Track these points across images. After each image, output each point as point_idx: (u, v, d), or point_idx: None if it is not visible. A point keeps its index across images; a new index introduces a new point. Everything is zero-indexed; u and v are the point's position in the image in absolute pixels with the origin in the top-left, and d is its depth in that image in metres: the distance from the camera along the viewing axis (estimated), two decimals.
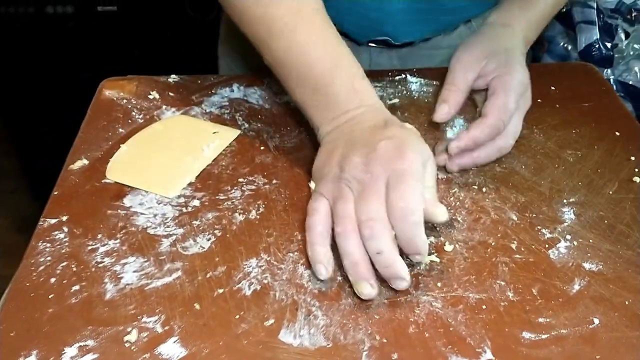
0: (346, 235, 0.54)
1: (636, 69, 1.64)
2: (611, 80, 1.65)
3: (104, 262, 0.57)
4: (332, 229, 0.56)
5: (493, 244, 0.58)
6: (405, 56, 0.87)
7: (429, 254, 0.57)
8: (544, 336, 0.50)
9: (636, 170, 0.67)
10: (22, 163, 1.80)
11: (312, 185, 0.61)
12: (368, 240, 0.53)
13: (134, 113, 0.75)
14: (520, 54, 0.72)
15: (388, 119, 0.60)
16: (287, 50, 0.63)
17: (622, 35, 1.64)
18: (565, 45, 1.74)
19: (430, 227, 0.60)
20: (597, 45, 1.65)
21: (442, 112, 0.68)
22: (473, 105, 0.75)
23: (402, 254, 0.53)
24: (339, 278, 0.55)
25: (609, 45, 1.66)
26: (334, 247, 0.55)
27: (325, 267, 0.54)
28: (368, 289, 0.52)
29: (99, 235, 0.59)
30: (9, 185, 1.86)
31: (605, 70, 1.65)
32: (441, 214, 0.55)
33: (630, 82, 1.66)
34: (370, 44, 0.86)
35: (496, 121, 0.64)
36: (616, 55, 1.66)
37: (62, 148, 0.71)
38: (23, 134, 1.71)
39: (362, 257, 0.53)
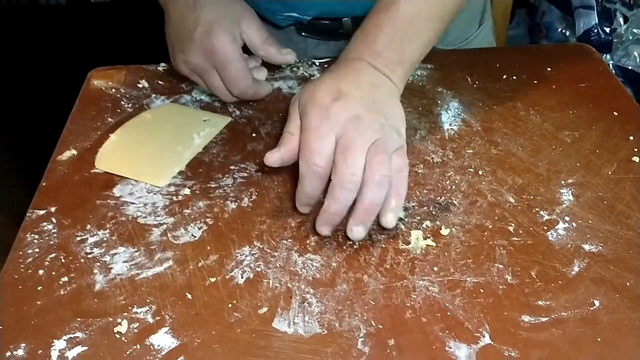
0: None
1: (635, 53, 1.63)
2: (610, 66, 1.64)
3: (93, 252, 0.55)
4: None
5: (490, 227, 0.57)
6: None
7: (425, 238, 0.56)
8: (543, 319, 0.49)
9: (635, 149, 0.65)
10: (19, 158, 1.79)
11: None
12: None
13: (123, 102, 0.74)
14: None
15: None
16: None
17: (621, 20, 1.63)
18: (564, 30, 1.73)
19: (426, 212, 0.59)
20: (595, 30, 1.64)
21: (273, 158, 0.57)
22: (468, 86, 0.74)
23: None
24: (333, 264, 0.54)
25: (607, 30, 1.65)
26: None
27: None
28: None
29: (88, 226, 0.58)
30: (8, 181, 1.85)
31: (604, 55, 1.64)
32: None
33: (630, 67, 1.65)
34: (303, 34, 0.85)
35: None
36: (615, 40, 1.64)
37: (52, 139, 0.70)
38: (14, 126, 1.69)
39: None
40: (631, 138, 0.67)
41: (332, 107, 0.54)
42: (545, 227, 0.57)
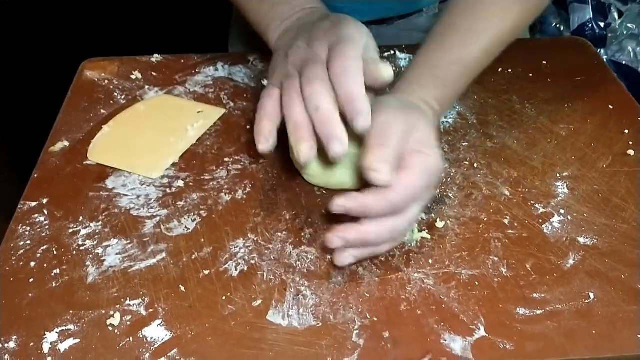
0: (291, 104, 0.53)
1: (630, 48, 1.63)
2: (605, 60, 1.64)
3: (85, 244, 0.55)
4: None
5: (485, 219, 0.57)
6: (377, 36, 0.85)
7: (420, 231, 0.55)
8: (538, 312, 0.49)
9: (630, 143, 0.65)
10: (10, 150, 1.77)
11: (265, 82, 0.60)
12: (308, 98, 0.51)
13: (115, 94, 0.73)
14: (436, 133, 0.56)
15: (330, 14, 0.60)
16: None
17: (616, 14, 1.62)
18: (558, 25, 1.72)
19: None
20: (590, 25, 1.64)
21: (383, 173, 0.50)
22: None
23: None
24: (329, 257, 0.53)
25: (602, 24, 1.64)
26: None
27: (266, 138, 0.53)
28: (306, 147, 0.50)
29: (81, 218, 0.57)
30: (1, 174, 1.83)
31: (599, 50, 1.64)
32: (385, 69, 0.53)
33: (624, 62, 1.64)
34: None
35: (400, 199, 0.50)
36: (609, 35, 1.64)
37: (44, 131, 0.69)
38: (5, 117, 1.68)
39: (304, 120, 0.52)
40: (626, 131, 0.67)
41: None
42: (541, 220, 0.57)
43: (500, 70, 0.76)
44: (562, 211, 0.58)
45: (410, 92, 0.58)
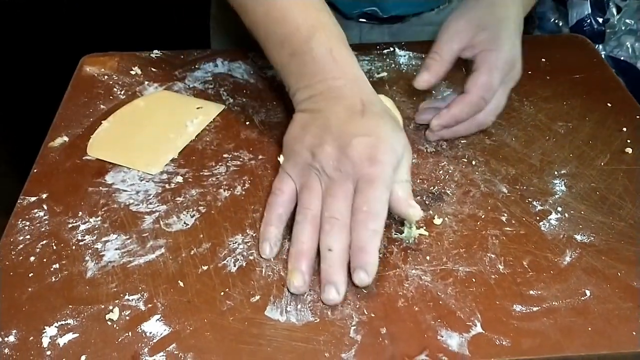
0: (305, 225, 0.53)
1: (628, 44, 1.63)
2: (603, 56, 1.64)
3: (85, 240, 0.55)
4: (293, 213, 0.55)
5: (483, 216, 0.57)
6: (396, 32, 0.86)
7: (418, 228, 0.56)
8: (535, 309, 0.49)
9: (628, 141, 0.66)
10: (9, 145, 1.78)
11: (281, 159, 0.59)
12: (325, 234, 0.51)
13: (115, 89, 0.73)
14: (513, 27, 0.66)
15: (366, 101, 0.56)
16: (266, 15, 0.61)
17: (614, 10, 1.62)
18: (556, 20, 1.72)
19: (419, 202, 0.59)
20: (588, 21, 1.64)
21: (422, 80, 0.64)
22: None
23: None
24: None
25: (600, 20, 1.64)
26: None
27: (271, 247, 0.53)
28: (300, 281, 0.50)
29: (80, 213, 0.58)
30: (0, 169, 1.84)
31: (597, 45, 1.64)
32: (414, 214, 0.53)
33: (622, 58, 1.64)
34: (360, 20, 0.84)
35: (477, 99, 0.62)
36: (608, 31, 1.64)
37: (44, 126, 0.70)
38: (4, 112, 1.67)
39: (310, 250, 0.52)
40: (624, 129, 0.67)
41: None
42: (538, 218, 0.57)
43: None
44: (559, 209, 0.58)
45: None
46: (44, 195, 0.59)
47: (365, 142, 0.53)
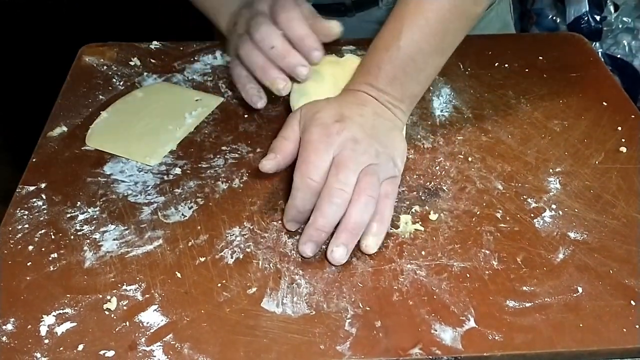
0: (249, 53, 0.63)
1: (625, 42, 1.64)
2: (600, 54, 1.65)
3: (83, 229, 0.56)
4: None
5: (478, 213, 0.58)
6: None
7: (413, 223, 0.56)
8: (528, 304, 0.50)
9: (623, 140, 0.66)
10: (7, 134, 1.77)
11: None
12: (260, 41, 0.62)
13: (114, 80, 0.73)
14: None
15: None
16: None
17: (612, 8, 1.63)
18: (554, 17, 1.72)
19: (415, 197, 0.59)
20: (586, 18, 1.64)
21: (269, 164, 0.56)
22: (460, 73, 0.75)
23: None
24: (323, 246, 0.54)
25: (598, 18, 1.65)
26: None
27: (259, 96, 0.65)
28: (282, 83, 0.61)
29: (78, 203, 0.58)
30: None
31: (594, 43, 1.64)
32: (335, 25, 0.64)
33: (619, 56, 1.65)
34: None
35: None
36: (605, 29, 1.65)
37: (42, 116, 0.70)
38: (3, 102, 1.67)
39: (266, 61, 0.62)
40: (619, 128, 0.68)
41: (332, 127, 0.55)
42: (532, 215, 0.58)
43: (496, 65, 0.77)
44: (553, 206, 0.59)
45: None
46: (43, 185, 0.60)
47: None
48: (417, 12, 0.60)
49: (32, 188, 0.59)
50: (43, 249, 0.54)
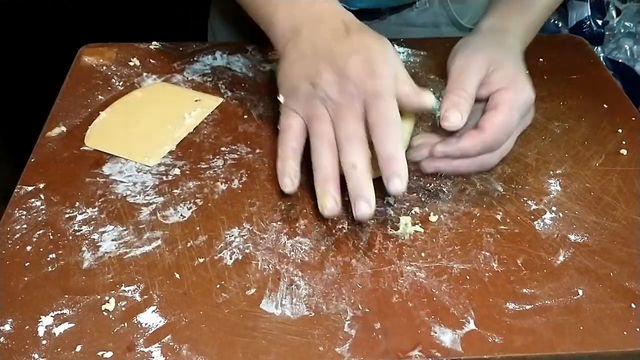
0: (323, 151, 0.54)
1: (626, 46, 1.64)
2: (601, 58, 1.64)
3: (81, 230, 0.55)
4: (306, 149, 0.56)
5: (478, 214, 0.58)
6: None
7: (413, 225, 0.56)
8: (528, 307, 0.50)
9: (623, 142, 0.66)
10: (6, 134, 1.77)
11: (281, 98, 0.59)
12: (345, 154, 0.52)
13: (113, 80, 0.73)
14: (524, 65, 0.63)
15: (347, 21, 0.58)
16: None
17: (614, 12, 1.63)
18: (556, 21, 1.72)
19: (415, 198, 0.59)
20: (588, 22, 1.64)
21: (455, 120, 0.56)
22: None
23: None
24: (322, 247, 0.54)
25: (600, 22, 1.65)
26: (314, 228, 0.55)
27: (292, 180, 0.55)
28: (332, 202, 0.52)
29: (77, 203, 0.58)
30: None
31: (596, 47, 1.64)
32: (427, 99, 0.55)
33: (620, 60, 1.65)
34: None
35: (492, 139, 0.57)
36: (607, 33, 1.65)
37: (41, 116, 0.69)
38: (2, 102, 1.67)
39: (334, 173, 0.53)
40: (619, 131, 0.68)
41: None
42: (533, 217, 0.57)
43: None
44: (554, 208, 0.58)
45: (494, 28, 0.64)
46: (41, 185, 0.60)
47: (360, 59, 0.54)
48: None
49: (30, 188, 0.59)
50: (41, 250, 0.54)
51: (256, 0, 0.63)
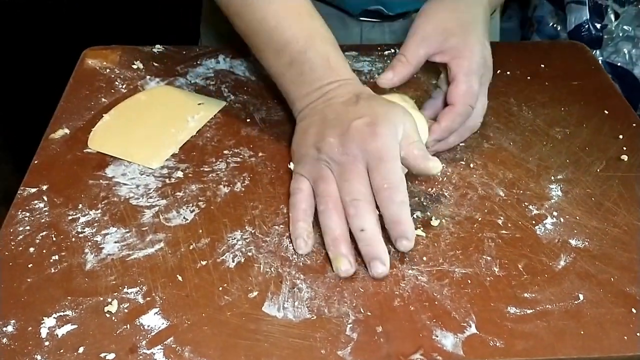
0: (329, 213, 0.54)
1: (625, 50, 1.64)
2: (600, 62, 1.65)
3: (84, 232, 0.56)
4: (315, 209, 0.56)
5: (480, 219, 0.58)
6: (398, 31, 0.86)
7: (415, 228, 0.56)
8: (529, 311, 0.50)
9: (624, 148, 0.66)
10: (5, 134, 1.77)
11: (292, 166, 0.61)
12: (353, 218, 0.53)
13: (117, 83, 0.74)
14: (481, 28, 0.66)
15: (359, 93, 0.59)
16: (261, 22, 0.62)
17: (612, 16, 1.63)
18: (555, 25, 1.73)
19: (417, 202, 0.59)
20: (586, 26, 1.65)
21: (386, 79, 0.64)
22: None
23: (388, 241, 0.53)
24: (324, 251, 0.54)
25: (598, 26, 1.65)
26: (318, 224, 0.55)
27: (305, 241, 0.54)
28: (346, 264, 0.52)
29: (80, 205, 0.58)
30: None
31: (594, 51, 1.65)
32: (434, 167, 0.55)
33: (619, 64, 1.65)
34: (362, 18, 0.85)
35: (464, 108, 0.62)
36: (605, 37, 1.65)
37: (44, 118, 0.70)
38: (4, 104, 1.67)
39: (343, 234, 0.53)
40: (620, 137, 0.68)
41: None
42: (534, 222, 0.58)
43: (498, 72, 0.77)
44: (555, 213, 0.59)
45: None
46: (44, 187, 0.60)
47: (363, 122, 0.55)
48: None
49: (33, 190, 0.59)
50: (44, 251, 0.54)
51: (272, 68, 0.65)
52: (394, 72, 0.64)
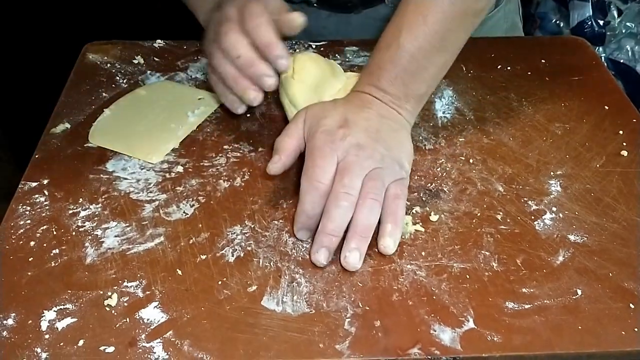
0: (218, 62, 0.62)
1: (628, 47, 1.64)
2: (602, 59, 1.65)
3: (84, 226, 0.56)
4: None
5: (479, 214, 0.58)
6: (345, 23, 0.87)
7: (414, 224, 0.56)
8: (527, 306, 0.50)
9: (624, 144, 0.66)
10: (6, 131, 1.77)
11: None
12: (226, 50, 0.60)
13: (117, 77, 0.74)
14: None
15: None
16: None
17: (615, 13, 1.63)
18: (558, 21, 1.73)
19: (416, 197, 0.59)
20: (589, 23, 1.65)
21: (275, 168, 0.58)
22: (463, 75, 0.75)
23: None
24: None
25: (601, 22, 1.65)
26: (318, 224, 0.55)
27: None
28: (253, 93, 0.60)
29: (80, 200, 0.58)
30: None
31: (597, 48, 1.64)
32: (298, 17, 0.61)
33: (622, 61, 1.65)
34: (315, 5, 0.85)
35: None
36: (608, 33, 1.65)
37: (45, 113, 0.70)
38: (5, 99, 1.67)
39: (237, 71, 0.61)
40: (620, 132, 0.68)
41: (337, 133, 0.56)
42: (533, 217, 0.58)
43: (499, 67, 0.77)
44: (554, 209, 0.59)
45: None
46: (45, 181, 0.60)
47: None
48: (417, 11, 0.60)
49: (34, 184, 0.60)
50: (45, 245, 0.54)
51: None
52: (280, 154, 0.58)
